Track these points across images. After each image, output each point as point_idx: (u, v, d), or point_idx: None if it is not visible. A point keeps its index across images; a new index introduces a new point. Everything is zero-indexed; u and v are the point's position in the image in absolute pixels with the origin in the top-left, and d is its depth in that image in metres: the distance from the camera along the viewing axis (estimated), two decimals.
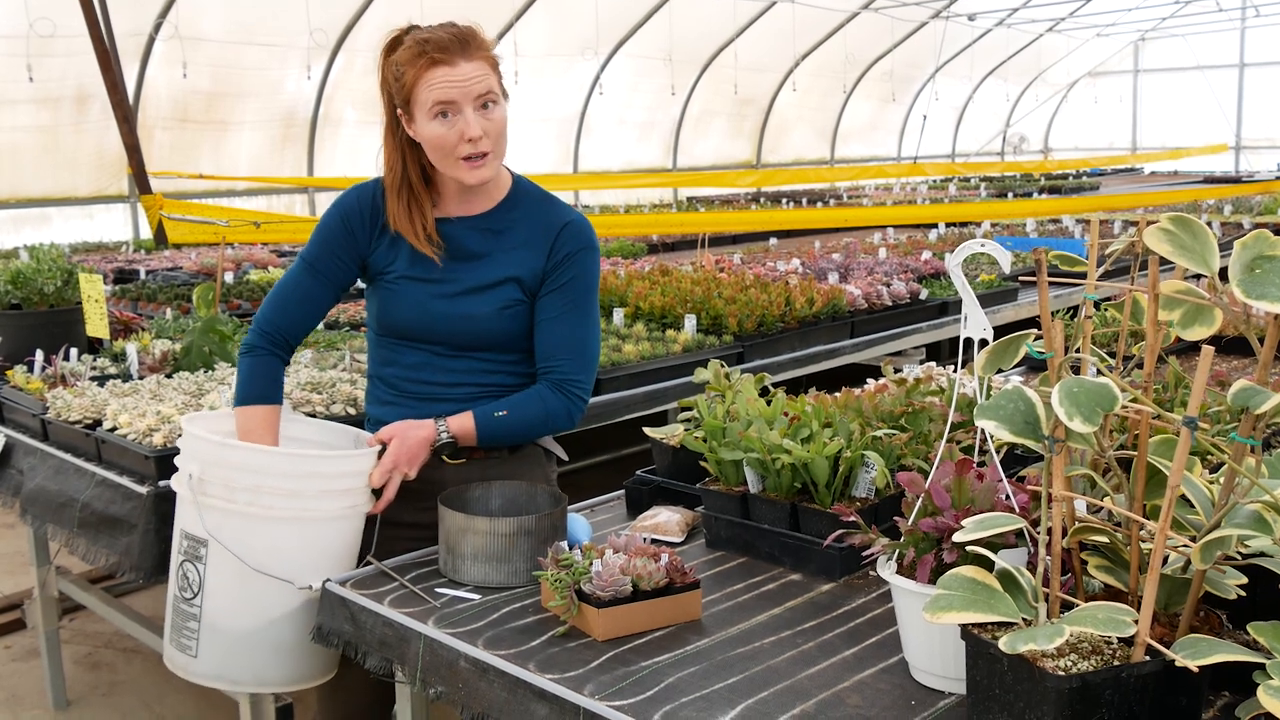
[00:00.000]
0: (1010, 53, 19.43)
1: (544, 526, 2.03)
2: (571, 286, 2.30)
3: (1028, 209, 9.59)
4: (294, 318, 2.35)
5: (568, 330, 2.30)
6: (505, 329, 2.30)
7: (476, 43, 2.18)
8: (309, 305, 2.35)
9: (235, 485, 2.03)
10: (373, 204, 2.34)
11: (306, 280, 2.34)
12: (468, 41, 2.16)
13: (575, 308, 2.31)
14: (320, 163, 12.06)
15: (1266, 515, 1.33)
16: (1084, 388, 1.32)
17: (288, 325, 2.34)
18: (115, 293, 5.84)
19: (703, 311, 4.51)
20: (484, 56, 2.18)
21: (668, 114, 15.44)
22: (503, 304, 2.28)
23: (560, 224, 2.32)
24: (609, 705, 1.55)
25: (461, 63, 2.14)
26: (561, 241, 2.31)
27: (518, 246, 2.30)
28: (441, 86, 2.13)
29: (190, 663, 2.11)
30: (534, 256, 2.30)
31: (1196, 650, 1.26)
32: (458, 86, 2.13)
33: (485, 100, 2.17)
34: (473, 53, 2.16)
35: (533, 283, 2.30)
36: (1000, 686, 1.32)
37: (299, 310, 2.35)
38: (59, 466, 3.08)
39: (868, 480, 2.07)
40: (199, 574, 2.06)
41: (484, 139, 2.17)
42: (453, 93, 2.13)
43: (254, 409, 2.27)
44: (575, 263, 2.31)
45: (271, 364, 2.32)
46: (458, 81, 2.13)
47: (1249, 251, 1.27)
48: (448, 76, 2.13)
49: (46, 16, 8.86)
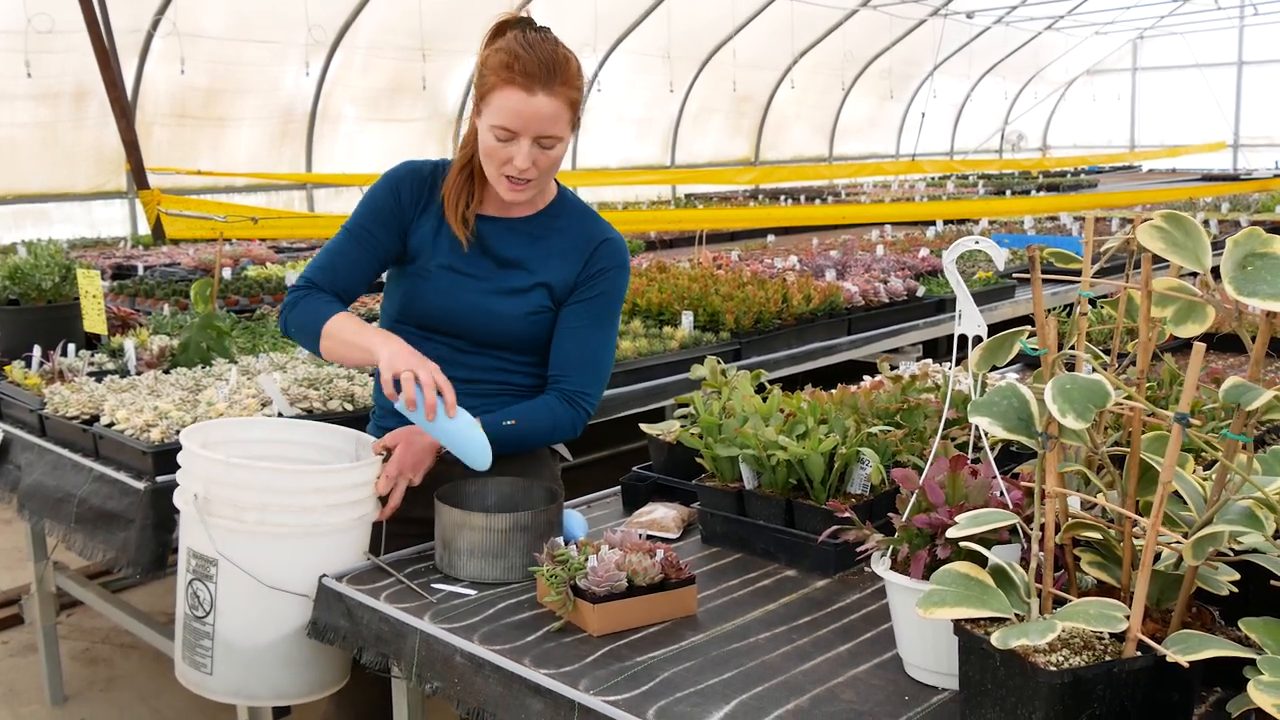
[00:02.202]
0: (1008, 50, 19.43)
1: (540, 522, 2.04)
2: (598, 301, 2.32)
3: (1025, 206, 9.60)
4: (338, 282, 2.31)
5: (586, 343, 2.31)
6: (529, 332, 2.31)
7: (564, 77, 2.13)
8: (353, 271, 2.31)
9: (243, 504, 2.02)
10: (425, 181, 2.33)
11: (349, 246, 2.31)
12: (555, 74, 2.11)
13: (597, 322, 2.32)
14: (319, 159, 12.06)
15: (1258, 512, 1.34)
16: (1077, 384, 1.33)
17: (333, 283, 2.30)
18: (113, 288, 5.84)
19: (700, 308, 4.52)
20: (565, 94, 2.13)
21: (666, 111, 15.45)
22: (531, 309, 2.29)
23: (599, 239, 2.34)
24: (604, 700, 1.56)
25: (540, 94, 2.10)
26: (597, 256, 2.32)
27: (554, 255, 2.31)
28: (509, 113, 2.11)
29: (206, 680, 2.11)
30: (568, 267, 2.31)
31: (1187, 646, 1.27)
32: (523, 119, 2.11)
33: (546, 141, 2.15)
34: (555, 87, 2.11)
35: (562, 292, 2.31)
36: (992, 682, 1.33)
37: (343, 275, 2.31)
38: (56, 462, 3.09)
39: (863, 477, 2.07)
40: (210, 593, 2.06)
41: (531, 169, 2.17)
42: (517, 123, 2.11)
43: (339, 316, 2.21)
44: (607, 279, 2.32)
45: (322, 295, 2.28)
46: (526, 114, 2.10)
47: (1241, 249, 1.27)
48: (519, 104, 2.10)
49: (45, 12, 8.86)
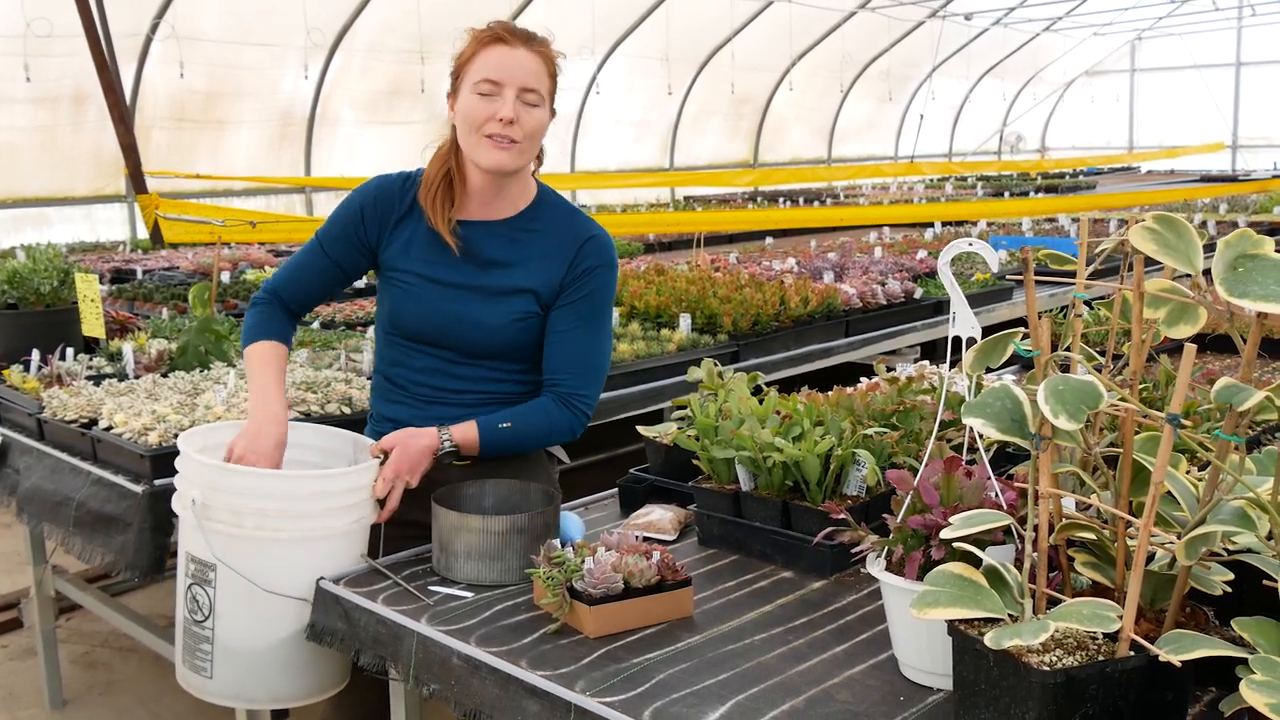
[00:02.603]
0: (1007, 52, 19.44)
1: (537, 524, 2.04)
2: (587, 301, 2.30)
3: (1024, 208, 9.61)
4: (299, 291, 2.42)
5: (579, 345, 2.30)
6: (517, 339, 2.30)
7: (542, 41, 2.24)
8: (315, 280, 2.41)
9: (241, 510, 2.03)
10: (394, 195, 2.35)
11: (316, 257, 2.39)
12: (533, 37, 2.23)
13: (588, 323, 2.31)
14: (317, 162, 12.06)
15: (1250, 512, 1.34)
16: (1069, 385, 1.33)
17: (293, 296, 2.42)
18: (112, 292, 5.84)
19: (698, 311, 4.52)
20: (544, 54, 2.23)
21: (665, 113, 15.45)
22: (517, 315, 2.28)
23: (584, 238, 2.32)
24: (600, 702, 1.56)
25: (522, 49, 2.19)
26: (583, 256, 2.31)
27: (537, 258, 2.30)
28: (493, 64, 2.17)
29: (206, 683, 2.12)
30: (553, 269, 2.30)
31: (1180, 645, 1.28)
32: (508, 69, 2.17)
33: (529, 96, 2.19)
34: (535, 46, 2.22)
35: (549, 295, 2.30)
36: (986, 682, 1.33)
37: (305, 284, 2.42)
38: (55, 466, 3.09)
39: (859, 478, 2.08)
40: (209, 597, 2.07)
41: (515, 126, 2.18)
42: (501, 73, 2.17)
43: (262, 343, 2.33)
44: (594, 278, 2.31)
45: (277, 313, 2.39)
46: (510, 64, 2.17)
47: (1232, 250, 1.28)
48: (503, 56, 2.18)
49: (44, 16, 8.86)
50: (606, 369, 2.39)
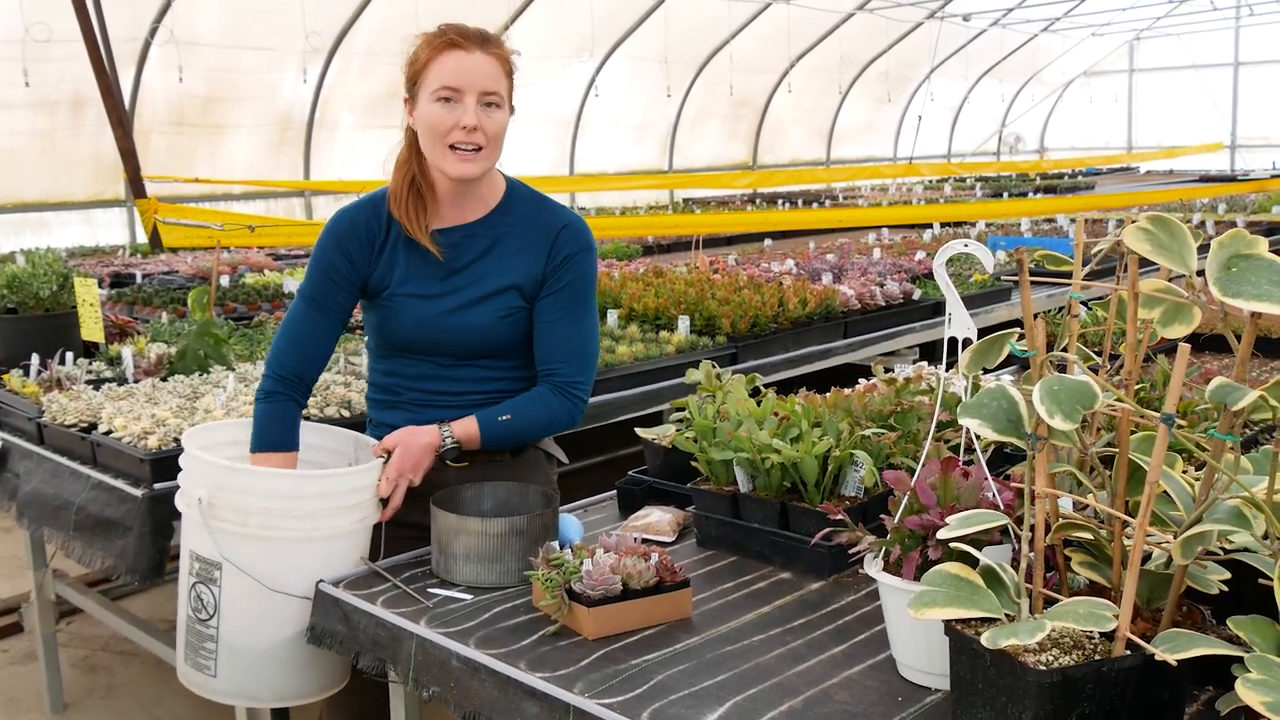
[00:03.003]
0: (1005, 53, 19.45)
1: (535, 527, 2.05)
2: (571, 289, 2.31)
3: (1022, 209, 9.60)
4: (306, 356, 2.32)
5: (568, 333, 2.31)
6: (506, 335, 2.31)
7: (496, 42, 2.23)
8: (319, 339, 2.32)
9: (247, 509, 2.04)
10: (370, 221, 2.31)
11: (313, 316, 2.31)
12: (487, 38, 2.22)
13: (574, 310, 2.31)
14: (316, 166, 12.06)
15: (1246, 511, 1.34)
16: (1064, 386, 1.34)
17: (301, 365, 2.31)
18: (111, 296, 5.85)
19: (696, 313, 4.52)
20: (500, 56, 2.22)
21: (664, 115, 15.46)
22: (503, 312, 2.29)
23: (558, 226, 2.32)
24: (598, 703, 1.57)
25: (478, 53, 2.18)
26: (560, 244, 2.31)
27: (515, 253, 2.30)
28: (450, 71, 2.15)
29: (209, 682, 2.13)
30: (532, 261, 2.30)
31: (1176, 644, 1.28)
32: (465, 75, 2.15)
33: (489, 99, 2.18)
34: (490, 48, 2.20)
35: (532, 288, 2.30)
36: (983, 681, 1.34)
37: (309, 347, 2.32)
38: (55, 470, 3.09)
39: (856, 479, 2.08)
40: (214, 596, 2.07)
41: (479, 132, 2.18)
42: (460, 79, 2.15)
43: (270, 456, 2.25)
44: (574, 265, 2.31)
45: (287, 409, 2.29)
46: (467, 69, 2.16)
47: (1226, 250, 1.28)
48: (459, 62, 2.16)
49: (42, 21, 8.87)
50: (597, 353, 2.39)
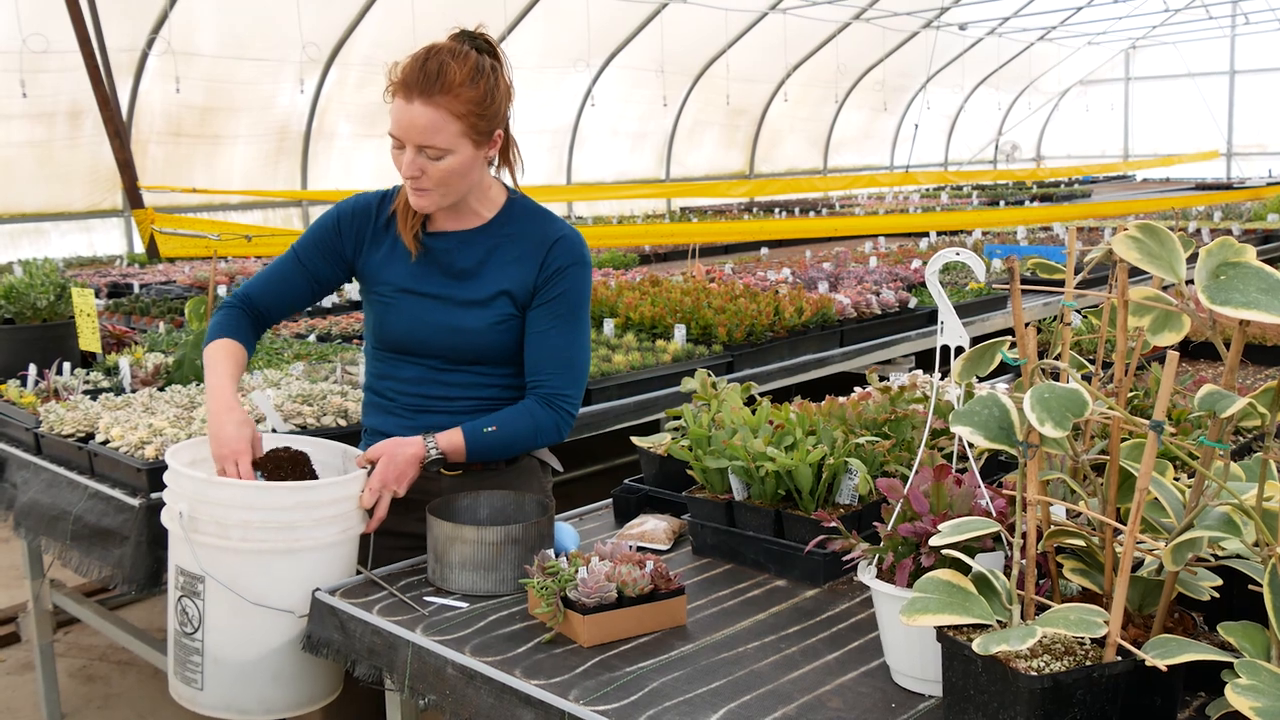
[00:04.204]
0: (1001, 61, 19.52)
1: (531, 535, 2.05)
2: (562, 301, 2.31)
3: (1018, 217, 9.63)
4: (270, 297, 2.41)
5: (557, 345, 2.31)
6: (499, 342, 2.32)
7: (444, 85, 2.10)
8: (287, 290, 2.42)
9: (226, 522, 2.03)
10: (370, 212, 2.37)
11: (290, 266, 2.41)
12: (434, 83, 2.10)
13: (565, 322, 2.32)
14: (314, 176, 12.09)
15: (1236, 518, 1.35)
16: (1055, 393, 1.35)
17: (264, 302, 2.41)
18: (108, 307, 5.86)
19: (692, 321, 4.54)
20: (447, 105, 2.11)
21: (660, 125, 15.50)
22: (496, 319, 2.30)
23: (553, 239, 2.33)
24: (593, 710, 1.57)
25: (418, 104, 2.11)
26: (553, 256, 2.31)
27: (510, 262, 2.32)
28: (395, 120, 2.16)
29: (197, 695, 2.12)
30: (526, 271, 2.31)
31: (1166, 650, 1.29)
32: (401, 127, 2.15)
33: (429, 152, 2.15)
34: (435, 96, 2.10)
35: (524, 296, 2.31)
36: (975, 687, 1.34)
37: (276, 291, 2.42)
38: (52, 480, 3.10)
39: (851, 487, 2.09)
40: (199, 609, 2.07)
41: (423, 179, 2.18)
42: (398, 130, 2.16)
43: (218, 343, 2.32)
44: (566, 277, 2.32)
45: (243, 317, 2.39)
46: (404, 123, 2.14)
47: (1214, 258, 1.29)
48: (399, 112, 2.14)
49: (40, 32, 8.90)
50: (587, 366, 2.40)
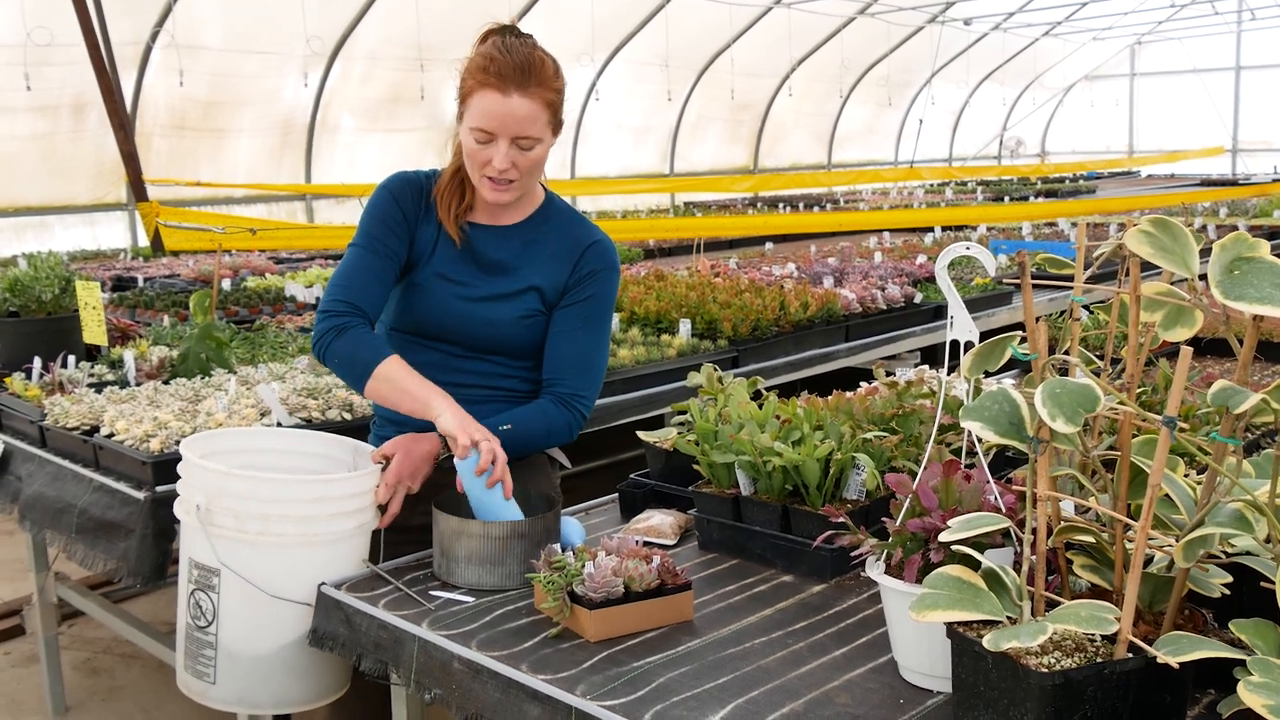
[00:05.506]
0: (1006, 57, 19.47)
1: (537, 530, 2.05)
2: (589, 304, 2.34)
3: (1023, 212, 9.61)
4: (371, 296, 2.25)
5: (579, 346, 2.33)
6: (522, 336, 2.33)
7: (539, 78, 2.15)
8: (377, 284, 2.26)
9: (244, 514, 2.03)
10: (421, 190, 2.34)
11: (368, 259, 2.26)
12: (529, 75, 2.14)
13: (589, 325, 2.34)
14: (318, 170, 12.09)
15: (1248, 514, 1.34)
16: (1066, 389, 1.34)
17: (368, 303, 2.25)
18: (113, 300, 5.86)
19: (698, 316, 4.53)
20: (541, 95, 2.16)
21: (664, 119, 15.47)
22: (523, 313, 2.31)
23: (587, 242, 2.36)
24: (600, 705, 1.57)
25: (515, 95, 2.13)
26: (586, 259, 2.34)
27: (544, 259, 2.34)
28: (486, 114, 2.14)
29: (209, 689, 2.12)
30: (558, 270, 2.33)
31: (1178, 647, 1.28)
32: (498, 120, 2.14)
33: (524, 142, 2.17)
34: (530, 89, 2.14)
35: (553, 295, 2.33)
36: (985, 684, 1.34)
37: (371, 291, 2.25)
38: (57, 473, 3.10)
39: (858, 482, 2.08)
40: (212, 603, 2.07)
41: (511, 170, 2.19)
42: (493, 124, 2.14)
43: (389, 361, 2.17)
44: (596, 281, 2.34)
45: (363, 328, 2.22)
46: (502, 115, 2.13)
47: (1227, 253, 1.28)
48: (495, 106, 2.13)
49: (44, 25, 8.89)
50: (604, 371, 2.41)
